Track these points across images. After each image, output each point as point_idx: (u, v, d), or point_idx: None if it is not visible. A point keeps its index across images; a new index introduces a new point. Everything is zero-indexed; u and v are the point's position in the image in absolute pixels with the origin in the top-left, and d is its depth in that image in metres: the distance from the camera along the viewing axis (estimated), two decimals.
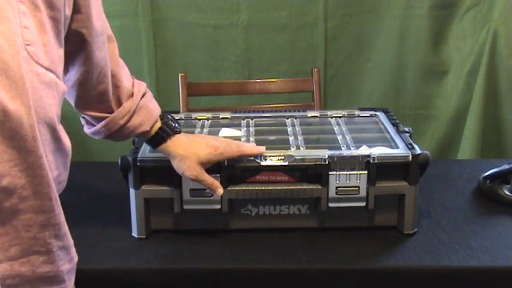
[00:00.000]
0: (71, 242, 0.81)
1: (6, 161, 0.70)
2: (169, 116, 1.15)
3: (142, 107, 1.09)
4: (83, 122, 1.12)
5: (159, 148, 1.12)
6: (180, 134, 1.14)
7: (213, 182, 1.11)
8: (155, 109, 1.13)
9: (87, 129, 1.12)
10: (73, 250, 0.82)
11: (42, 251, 0.76)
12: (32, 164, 0.72)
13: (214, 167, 1.11)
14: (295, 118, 1.38)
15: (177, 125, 1.14)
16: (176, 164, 1.11)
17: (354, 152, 1.15)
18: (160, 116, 1.13)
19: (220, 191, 1.11)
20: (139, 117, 1.09)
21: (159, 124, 1.12)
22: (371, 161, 1.12)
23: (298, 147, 1.20)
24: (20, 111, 0.69)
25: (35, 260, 0.75)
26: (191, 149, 1.11)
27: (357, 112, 1.40)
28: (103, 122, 1.07)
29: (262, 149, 1.15)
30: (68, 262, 0.80)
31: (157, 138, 1.12)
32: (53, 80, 0.76)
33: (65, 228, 0.79)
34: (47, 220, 0.76)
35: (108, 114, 1.06)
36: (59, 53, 0.80)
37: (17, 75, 0.69)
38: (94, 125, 1.09)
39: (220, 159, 1.12)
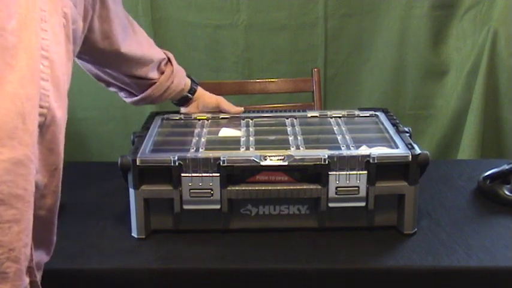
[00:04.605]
0: None
1: (40, 159, 0.79)
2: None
3: (178, 69, 1.39)
4: (124, 95, 1.37)
5: (195, 96, 1.43)
6: None
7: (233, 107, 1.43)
8: (182, 69, 1.42)
9: (129, 99, 1.37)
10: None
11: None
12: (57, 167, 0.82)
13: (214, 167, 1.11)
14: (295, 118, 1.38)
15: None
16: (208, 100, 1.44)
17: (354, 152, 1.15)
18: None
19: (241, 108, 1.43)
20: (177, 78, 1.38)
21: (189, 80, 1.42)
22: (371, 161, 1.12)
23: (298, 147, 1.20)
24: (61, 120, 0.81)
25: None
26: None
27: (356, 112, 1.40)
28: (153, 86, 1.34)
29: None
30: None
31: (193, 88, 1.43)
32: None
33: None
34: (50, 217, 0.85)
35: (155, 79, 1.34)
36: None
37: (63, 89, 0.82)
38: (136, 95, 1.35)
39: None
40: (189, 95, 1.42)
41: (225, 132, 1.30)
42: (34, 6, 0.79)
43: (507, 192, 1.28)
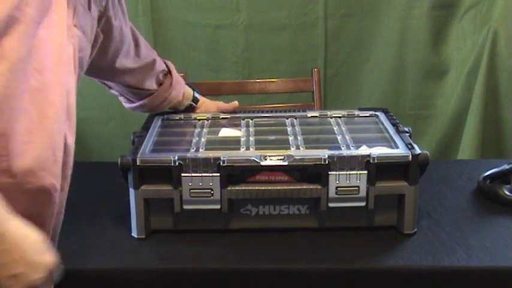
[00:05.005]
0: None
1: None
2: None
3: (177, 80, 1.39)
4: (123, 100, 1.40)
5: (198, 104, 1.44)
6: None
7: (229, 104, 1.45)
8: (182, 79, 1.43)
9: (128, 105, 1.40)
10: None
11: None
12: (63, 189, 0.86)
13: (214, 167, 1.11)
14: (295, 118, 1.38)
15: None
16: (209, 106, 1.45)
17: (354, 152, 1.15)
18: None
19: (236, 102, 1.44)
20: (175, 90, 1.38)
21: (189, 89, 1.43)
22: (371, 161, 1.12)
23: (298, 147, 1.20)
24: (71, 147, 0.86)
25: None
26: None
27: (356, 112, 1.40)
28: (151, 96, 1.36)
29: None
30: None
31: (196, 97, 1.44)
32: None
33: None
34: (54, 236, 0.90)
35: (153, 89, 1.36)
36: None
37: (73, 118, 0.87)
38: (134, 102, 1.37)
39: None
40: (193, 103, 1.44)
41: (225, 132, 1.30)
42: (64, 42, 0.84)
43: (507, 192, 1.28)
